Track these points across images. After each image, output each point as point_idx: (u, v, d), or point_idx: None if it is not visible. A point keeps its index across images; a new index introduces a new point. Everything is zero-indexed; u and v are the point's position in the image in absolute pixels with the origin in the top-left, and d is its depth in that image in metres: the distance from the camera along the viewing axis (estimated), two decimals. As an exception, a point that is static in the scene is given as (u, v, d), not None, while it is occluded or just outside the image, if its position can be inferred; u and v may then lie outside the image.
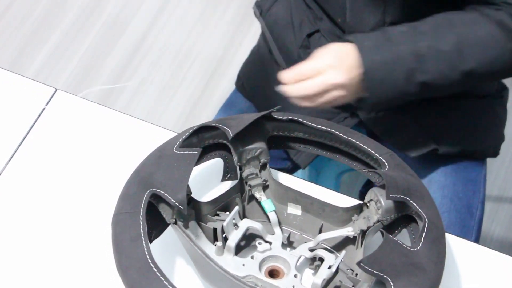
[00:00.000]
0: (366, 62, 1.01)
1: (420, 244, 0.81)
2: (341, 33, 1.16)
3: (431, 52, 1.01)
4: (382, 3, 1.08)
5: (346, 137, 0.93)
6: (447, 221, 1.18)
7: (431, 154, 1.20)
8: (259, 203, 0.96)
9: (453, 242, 0.97)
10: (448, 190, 1.21)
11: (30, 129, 1.08)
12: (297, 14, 1.22)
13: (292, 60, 1.19)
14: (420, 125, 1.20)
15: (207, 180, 1.01)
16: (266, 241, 0.91)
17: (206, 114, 2.08)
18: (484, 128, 1.22)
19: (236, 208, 0.91)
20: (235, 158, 0.95)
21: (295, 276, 0.87)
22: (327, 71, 1.01)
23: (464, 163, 1.24)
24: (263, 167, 0.96)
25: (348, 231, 0.90)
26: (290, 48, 1.22)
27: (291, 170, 1.32)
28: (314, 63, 1.02)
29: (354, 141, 0.93)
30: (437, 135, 1.20)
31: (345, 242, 0.92)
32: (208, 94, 2.14)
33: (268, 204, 0.94)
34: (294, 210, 0.95)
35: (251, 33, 2.24)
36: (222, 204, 0.93)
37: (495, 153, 1.26)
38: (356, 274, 0.88)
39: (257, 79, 1.35)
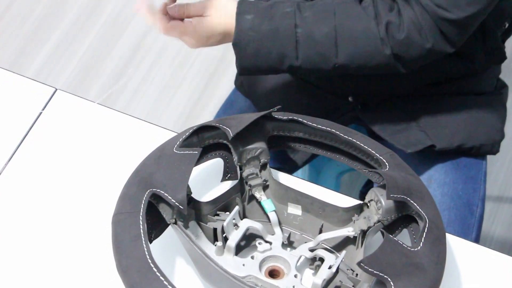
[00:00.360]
0: (238, 36, 1.03)
1: (421, 244, 0.81)
2: None
3: (305, 41, 1.02)
4: None
5: (346, 137, 0.93)
6: (447, 219, 1.18)
7: (430, 151, 1.20)
8: (259, 203, 0.96)
9: (453, 242, 0.97)
10: (448, 188, 1.21)
11: (30, 128, 1.08)
12: None
13: None
14: (416, 121, 1.20)
15: (207, 180, 1.00)
16: (266, 241, 0.91)
17: (206, 114, 2.08)
18: (482, 125, 1.22)
19: (236, 208, 0.91)
20: (235, 158, 0.95)
21: (295, 276, 0.87)
22: (200, 20, 1.05)
23: (464, 160, 1.24)
24: (263, 167, 0.96)
25: (348, 231, 0.90)
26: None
27: (289, 170, 1.32)
28: (199, 7, 1.05)
29: (355, 141, 0.93)
30: (434, 131, 1.20)
31: (346, 242, 0.91)
32: (208, 94, 2.14)
33: (268, 204, 0.94)
34: (294, 210, 0.94)
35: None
36: (222, 204, 0.93)
37: (494, 150, 1.26)
38: (357, 274, 0.88)
39: (255, 77, 1.35)
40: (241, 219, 0.92)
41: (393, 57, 1.02)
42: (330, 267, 0.85)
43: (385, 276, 0.76)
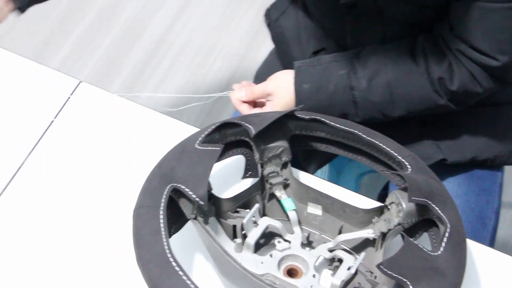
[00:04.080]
0: (302, 106, 1.06)
1: (441, 249, 0.81)
2: None
3: (363, 102, 1.07)
4: (382, 27, 1.09)
5: (368, 138, 0.93)
6: None
7: (442, 164, 1.19)
8: (279, 201, 0.95)
9: (473, 247, 0.97)
10: (460, 200, 1.20)
11: (54, 119, 1.09)
12: (305, 30, 1.23)
13: None
14: (429, 132, 1.18)
15: (228, 176, 1.01)
16: (285, 240, 0.91)
17: (228, 111, 2.08)
18: (497, 136, 1.20)
19: (256, 205, 0.91)
20: (257, 156, 0.95)
21: (314, 276, 0.86)
22: (266, 104, 1.12)
23: (478, 172, 1.22)
24: (284, 165, 0.96)
25: (368, 233, 0.89)
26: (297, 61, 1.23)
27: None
28: (261, 91, 1.11)
29: (377, 142, 0.92)
30: (447, 144, 1.18)
31: (365, 244, 0.91)
32: (229, 91, 2.14)
33: (288, 203, 0.94)
34: (314, 210, 0.94)
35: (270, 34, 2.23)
36: (243, 201, 0.93)
37: (510, 161, 1.24)
38: (375, 277, 0.88)
39: None
40: (261, 217, 0.92)
41: (448, 103, 1.06)
42: (348, 268, 0.85)
43: (404, 280, 0.76)
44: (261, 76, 1.38)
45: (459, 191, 1.20)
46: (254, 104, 1.14)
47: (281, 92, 1.10)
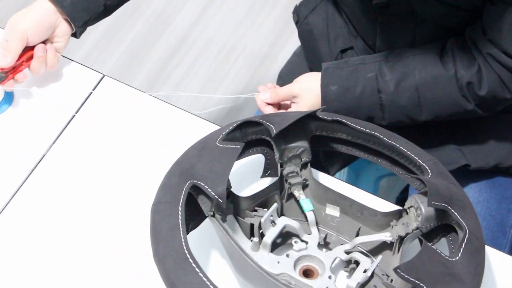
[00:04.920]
0: (328, 109, 1.07)
1: (459, 255, 0.80)
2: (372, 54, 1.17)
3: (390, 105, 1.06)
4: (412, 29, 1.08)
5: (390, 141, 0.92)
6: None
7: (464, 169, 1.18)
8: (297, 201, 0.95)
9: (492, 254, 0.96)
10: (481, 207, 1.19)
11: (77, 112, 1.09)
12: (334, 28, 1.23)
13: None
14: (453, 137, 1.18)
15: (247, 175, 1.01)
16: (303, 240, 0.91)
17: (249, 109, 2.08)
18: None
19: (275, 205, 0.91)
20: (277, 155, 0.95)
21: (330, 277, 0.86)
22: (292, 106, 1.12)
23: (500, 180, 1.21)
24: (304, 166, 0.96)
25: (385, 236, 0.89)
26: (324, 59, 1.23)
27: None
28: (286, 93, 1.11)
29: (398, 146, 0.92)
30: (470, 149, 1.17)
31: (382, 247, 0.91)
32: (251, 89, 2.14)
33: (306, 203, 0.94)
34: (332, 211, 0.94)
35: (297, 32, 2.23)
36: (261, 200, 0.93)
37: None
38: (392, 280, 0.87)
39: None
40: (279, 217, 0.92)
41: (475, 108, 1.05)
42: (365, 271, 0.85)
43: (421, 284, 0.75)
44: (284, 76, 1.38)
45: (481, 197, 1.20)
46: (279, 106, 1.14)
47: (306, 94, 1.10)
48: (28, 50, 1.07)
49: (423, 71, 1.05)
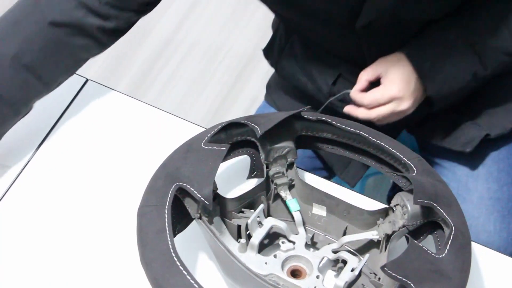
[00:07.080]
0: (430, 87, 1.03)
1: (446, 251, 0.80)
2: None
3: (486, 51, 1.02)
4: (400, 33, 1.05)
5: (375, 140, 0.93)
6: (508, 194, 1.16)
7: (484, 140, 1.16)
8: (284, 202, 0.95)
9: (478, 250, 0.96)
10: (504, 164, 1.18)
11: (60, 117, 1.09)
12: (313, 63, 1.18)
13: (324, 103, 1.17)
14: (466, 114, 1.16)
15: (233, 176, 1.01)
16: (290, 241, 0.91)
17: (235, 110, 2.08)
18: None
19: (261, 206, 0.91)
20: (263, 156, 0.95)
21: (317, 277, 0.86)
22: (394, 101, 1.04)
23: None
24: (290, 166, 0.96)
25: (372, 234, 0.89)
26: (318, 96, 1.19)
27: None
28: (382, 93, 1.04)
29: (383, 144, 0.92)
30: (485, 119, 1.16)
31: (369, 246, 0.91)
32: (237, 90, 2.15)
33: (293, 204, 0.94)
34: (319, 210, 0.94)
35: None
36: (247, 201, 0.93)
37: None
38: (379, 278, 0.87)
39: (286, 92, 1.33)
40: (266, 217, 0.92)
41: None
42: (352, 270, 0.85)
43: (408, 282, 0.76)
44: (273, 86, 1.36)
45: (500, 155, 1.19)
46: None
47: (403, 86, 1.04)
48: None
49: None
